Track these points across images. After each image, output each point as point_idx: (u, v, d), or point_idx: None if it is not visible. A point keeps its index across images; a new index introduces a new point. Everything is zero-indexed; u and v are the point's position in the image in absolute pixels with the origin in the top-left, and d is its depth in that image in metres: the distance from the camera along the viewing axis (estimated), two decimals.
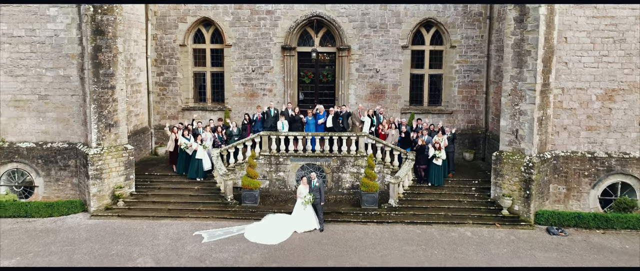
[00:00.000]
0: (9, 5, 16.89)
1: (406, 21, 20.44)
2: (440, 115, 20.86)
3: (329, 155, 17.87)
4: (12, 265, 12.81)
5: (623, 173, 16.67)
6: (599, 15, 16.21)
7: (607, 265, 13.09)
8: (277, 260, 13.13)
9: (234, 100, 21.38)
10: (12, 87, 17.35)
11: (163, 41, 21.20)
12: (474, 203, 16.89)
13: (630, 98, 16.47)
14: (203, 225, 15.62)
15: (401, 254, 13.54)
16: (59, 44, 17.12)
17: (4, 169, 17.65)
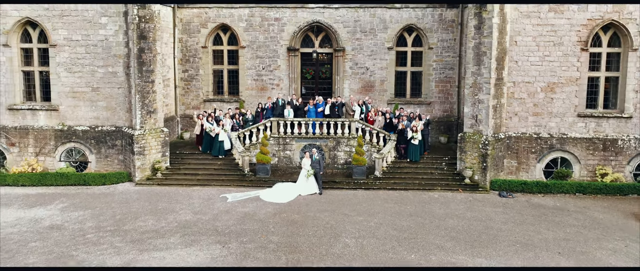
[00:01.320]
0: (69, 16, 20.97)
1: (391, 27, 24.48)
2: (420, 105, 24.93)
3: (327, 136, 21.96)
4: (84, 217, 16.89)
5: (562, 150, 20.79)
6: (542, 23, 20.31)
7: (537, 215, 17.19)
8: (286, 211, 17.24)
9: (247, 93, 25.45)
10: (71, 81, 21.45)
11: (188, 43, 25.25)
12: (443, 174, 21.00)
13: (567, 90, 20.58)
14: (226, 190, 19.73)
15: (381, 207, 17.65)
16: (108, 46, 21.21)
17: (63, 148, 21.78)
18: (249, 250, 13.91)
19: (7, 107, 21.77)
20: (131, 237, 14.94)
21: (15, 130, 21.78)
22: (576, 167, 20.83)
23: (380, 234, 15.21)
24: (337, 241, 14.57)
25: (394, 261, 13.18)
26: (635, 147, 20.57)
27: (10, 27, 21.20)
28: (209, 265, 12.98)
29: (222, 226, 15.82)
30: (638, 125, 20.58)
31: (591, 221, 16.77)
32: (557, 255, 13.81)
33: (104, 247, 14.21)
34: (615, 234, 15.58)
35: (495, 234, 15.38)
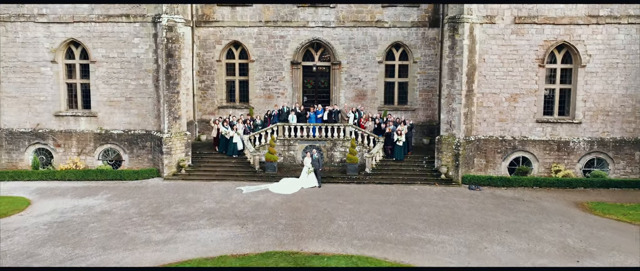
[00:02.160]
0: (107, 37, 24.82)
1: (381, 44, 28.30)
2: (406, 111, 28.75)
3: (325, 139, 25.81)
4: (127, 205, 20.73)
5: (523, 151, 24.65)
6: (506, 44, 24.16)
7: (497, 204, 21.04)
8: (291, 200, 21.09)
9: (256, 100, 29.28)
10: (107, 92, 25.32)
11: (204, 57, 29.06)
12: (423, 171, 24.86)
13: (527, 100, 24.44)
14: (240, 184, 23.57)
15: (369, 198, 21.50)
16: (140, 63, 25.07)
17: (101, 148, 25.66)
18: (262, 229, 17.75)
19: (53, 113, 25.64)
20: (168, 220, 18.79)
21: (60, 133, 25.66)
22: (535, 165, 24.69)
23: (367, 218, 19.06)
24: (332, 223, 18.41)
25: (376, 238, 17.00)
26: (584, 148, 24.43)
27: (57, 46, 25.06)
28: (232, 240, 16.80)
29: (239, 212, 19.68)
30: (586, 130, 24.43)
31: (539, 209, 20.62)
32: (505, 233, 17.64)
33: (148, 227, 18.06)
34: (555, 218, 19.42)
35: (459, 218, 19.23)
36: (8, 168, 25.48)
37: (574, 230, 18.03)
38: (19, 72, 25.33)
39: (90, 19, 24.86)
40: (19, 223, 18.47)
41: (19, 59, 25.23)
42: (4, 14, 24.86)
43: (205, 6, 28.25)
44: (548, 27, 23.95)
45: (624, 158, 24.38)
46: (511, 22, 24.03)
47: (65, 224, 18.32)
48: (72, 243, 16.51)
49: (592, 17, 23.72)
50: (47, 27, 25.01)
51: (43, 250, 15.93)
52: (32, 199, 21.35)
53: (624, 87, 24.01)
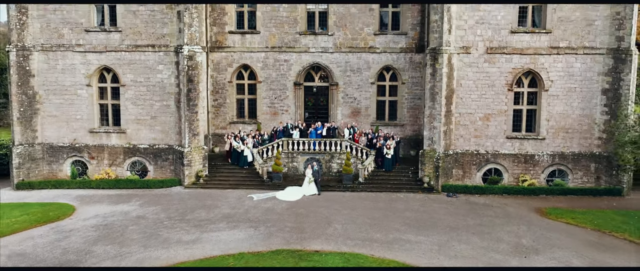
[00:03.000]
0: (135, 64, 28.70)
1: (373, 67, 32.14)
2: (395, 126, 32.59)
3: (324, 152, 29.67)
4: (157, 210, 24.58)
5: (495, 163, 28.53)
6: (480, 71, 28.03)
7: (469, 209, 24.90)
8: (295, 206, 24.96)
9: (263, 116, 33.11)
10: (135, 111, 29.19)
11: (217, 79, 32.90)
12: (408, 180, 28.73)
13: (499, 119, 28.31)
14: (251, 191, 27.43)
15: (361, 204, 25.36)
16: (163, 86, 28.95)
17: (129, 160, 29.52)
18: (272, 231, 21.62)
19: (88, 130, 29.52)
20: (193, 223, 22.67)
21: (94, 147, 29.56)
22: (505, 175, 28.57)
23: (358, 221, 22.92)
24: (329, 226, 22.28)
25: (365, 238, 20.86)
26: (547, 160, 28.31)
27: (91, 72, 28.95)
28: (247, 240, 20.64)
29: (252, 216, 23.55)
30: (549, 145, 28.30)
31: (504, 214, 24.49)
32: (471, 234, 21.50)
33: (177, 229, 21.94)
34: (516, 221, 23.29)
35: (435, 221, 23.10)
36: (49, 177, 29.33)
37: (528, 232, 21.90)
38: (59, 94, 29.20)
39: (120, 48, 28.75)
40: (71, 225, 22.36)
41: (59, 83, 29.10)
42: (46, 44, 28.73)
43: (219, 33, 32.11)
44: (516, 56, 27.81)
45: (581, 169, 28.26)
46: (484, 52, 27.90)
47: (108, 227, 22.21)
48: (118, 243, 20.38)
49: (553, 48, 27.60)
50: (83, 55, 28.89)
51: (96, 248, 19.81)
52: (75, 205, 25.23)
53: (580, 108, 27.89)
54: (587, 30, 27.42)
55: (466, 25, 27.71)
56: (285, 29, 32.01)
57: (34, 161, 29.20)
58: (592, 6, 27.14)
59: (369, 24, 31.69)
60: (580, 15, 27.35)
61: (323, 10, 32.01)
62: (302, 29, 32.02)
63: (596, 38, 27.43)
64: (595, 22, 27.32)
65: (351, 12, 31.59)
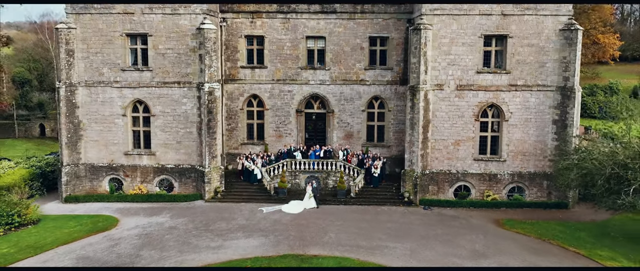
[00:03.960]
0: (163, 98, 34.30)
1: (364, 96, 37.68)
2: (383, 147, 38.14)
3: (322, 171, 35.24)
4: (185, 221, 30.15)
5: (464, 181, 34.11)
6: (451, 104, 33.59)
7: (439, 220, 30.44)
8: (298, 218, 30.53)
9: (269, 139, 38.65)
10: (163, 137, 34.79)
11: (230, 106, 38.44)
12: (392, 195, 34.31)
13: (467, 144, 33.89)
14: (261, 205, 32.96)
15: (352, 216, 30.91)
16: (187, 116, 34.54)
17: (158, 178, 35.11)
18: (280, 239, 27.17)
19: (123, 152, 35.10)
20: (216, 233, 28.24)
21: (128, 167, 35.13)
22: (473, 191, 34.15)
23: (349, 231, 28.50)
24: (325, 235, 27.84)
25: (353, 245, 26.39)
26: (508, 179, 33.88)
27: (126, 104, 34.53)
28: (260, 247, 26.18)
29: (263, 226, 29.14)
30: (510, 165, 33.87)
31: (468, 224, 30.06)
32: (438, 242, 27.05)
33: (203, 238, 27.50)
34: (476, 231, 28.85)
35: (411, 231, 28.68)
36: (91, 192, 34.89)
37: (484, 240, 27.48)
38: (99, 122, 34.78)
39: (151, 84, 34.35)
40: (118, 234, 27.96)
41: (99, 113, 34.68)
42: (89, 81, 34.30)
43: (232, 67, 37.70)
44: (481, 92, 33.40)
45: (535, 186, 33.85)
46: (455, 88, 33.48)
47: (148, 236, 27.80)
48: (159, 248, 25.99)
49: (512, 85, 33.20)
50: (120, 90, 34.48)
51: (143, 252, 25.42)
52: (118, 217, 30.82)
53: (535, 135, 33.47)
54: (540, 71, 33.01)
55: (440, 66, 33.29)
56: (288, 64, 37.59)
57: (79, 178, 34.79)
58: (544, 51, 32.72)
59: (360, 60, 37.28)
60: (534, 59, 32.95)
61: (321, 48, 37.59)
62: (303, 64, 37.59)
63: (547, 77, 33.02)
64: (546, 64, 32.91)
65: (345, 50, 37.18)
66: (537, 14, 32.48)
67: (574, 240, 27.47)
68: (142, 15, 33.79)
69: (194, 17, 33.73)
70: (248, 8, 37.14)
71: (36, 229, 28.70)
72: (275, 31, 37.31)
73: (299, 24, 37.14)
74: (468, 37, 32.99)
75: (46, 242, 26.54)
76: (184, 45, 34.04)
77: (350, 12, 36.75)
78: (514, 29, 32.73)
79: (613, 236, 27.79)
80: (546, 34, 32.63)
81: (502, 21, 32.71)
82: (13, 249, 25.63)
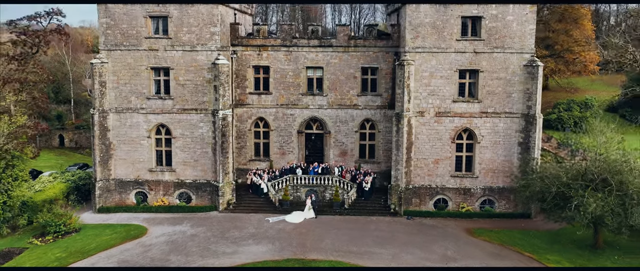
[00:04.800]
0: (182, 122, 39.74)
1: (357, 119, 43.09)
2: (373, 163, 43.54)
3: (320, 185, 40.65)
4: (203, 230, 35.56)
5: (443, 194, 39.52)
6: (431, 129, 39.02)
7: (420, 229, 35.82)
8: (299, 227, 35.93)
9: (274, 156, 44.06)
10: (182, 156, 40.22)
11: (240, 127, 43.87)
12: (380, 207, 39.72)
13: (445, 162, 39.30)
14: (267, 215, 38.34)
15: (345, 226, 36.31)
16: (203, 138, 39.98)
17: (178, 191, 40.52)
18: (284, 245, 32.57)
19: (148, 169, 40.52)
20: (230, 240, 33.64)
21: (152, 181, 40.55)
22: (450, 203, 39.55)
23: (342, 238, 33.87)
24: (322, 242, 33.24)
25: (345, 250, 31.76)
26: (480, 193, 39.26)
27: (151, 127, 39.95)
28: (268, 252, 31.56)
29: (269, 234, 34.53)
30: (482, 181, 39.27)
31: (443, 233, 35.44)
32: (416, 248, 32.43)
33: (221, 244, 32.90)
34: (450, 238, 34.22)
35: (394, 239, 34.05)
36: (119, 204, 40.30)
37: (455, 246, 32.87)
38: (127, 144, 40.21)
39: (172, 111, 39.79)
40: (149, 241, 33.38)
41: (127, 135, 40.11)
42: (119, 108, 39.71)
43: (241, 94, 43.12)
44: (457, 118, 38.80)
45: (504, 199, 39.27)
46: (434, 115, 38.89)
47: (174, 242, 33.21)
48: (184, 254, 31.39)
49: (483, 113, 38.62)
50: (145, 116, 39.91)
51: (171, 257, 30.83)
52: (147, 226, 36.22)
53: (503, 155, 38.87)
54: (507, 100, 38.43)
55: (421, 96, 38.71)
56: (291, 91, 43.03)
57: (109, 192, 40.23)
58: (510, 83, 38.12)
59: (353, 87, 42.72)
60: (502, 90, 38.37)
61: (319, 77, 43.02)
62: (303, 91, 43.02)
63: (513, 106, 38.44)
64: (512, 94, 38.34)
65: (340, 79, 42.62)
66: (505, 52, 37.90)
67: (529, 246, 32.87)
68: (165, 52, 39.24)
69: (209, 53, 39.17)
70: (256, 42, 42.60)
71: (79, 236, 34.12)
72: (279, 62, 42.75)
73: (300, 56, 42.57)
74: (445, 71, 38.41)
75: (90, 248, 31.97)
76: (201, 77, 39.49)
77: (345, 46, 42.18)
78: (485, 65, 38.15)
79: (563, 243, 33.19)
80: (512, 68, 38.06)
81: (474, 58, 38.14)
82: (64, 253, 31.06)
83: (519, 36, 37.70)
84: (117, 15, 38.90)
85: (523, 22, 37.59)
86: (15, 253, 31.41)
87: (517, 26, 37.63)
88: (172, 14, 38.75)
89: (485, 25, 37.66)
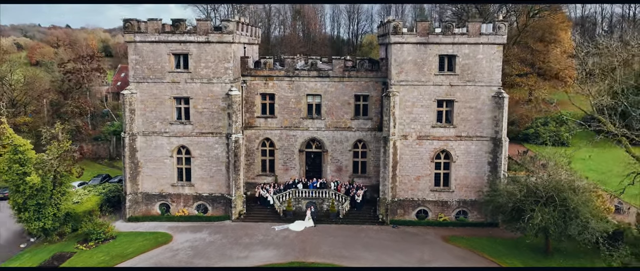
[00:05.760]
0: (200, 143, 46.36)
1: (350, 140, 49.65)
2: (365, 178, 50.07)
3: (318, 198, 47.23)
4: (219, 237, 42.16)
5: (423, 206, 46.10)
6: (413, 150, 45.58)
7: (403, 236, 42.38)
8: (300, 235, 42.48)
9: (279, 171, 50.61)
10: (200, 172, 46.81)
11: (249, 147, 50.41)
12: (370, 216, 46.29)
13: (426, 179, 45.87)
14: (273, 224, 44.90)
15: (340, 233, 42.86)
16: (218, 158, 46.59)
17: (196, 203, 47.13)
18: (288, 251, 39.14)
19: (170, 184, 47.12)
20: (243, 245, 40.22)
21: (174, 195, 47.16)
22: (430, 213, 46.11)
23: (336, 244, 40.43)
24: (320, 247, 39.80)
25: (338, 255, 38.33)
26: (456, 205, 45.81)
27: (173, 148, 46.58)
28: (274, 256, 38.11)
29: (276, 241, 41.11)
30: (457, 194, 45.81)
31: (422, 239, 41.99)
32: (397, 252, 38.96)
33: (235, 249, 39.48)
34: (428, 244, 40.77)
35: (379, 244, 40.58)
36: (146, 214, 46.88)
37: (431, 251, 39.41)
38: (152, 162, 46.82)
39: (192, 134, 46.40)
40: (175, 247, 39.96)
41: (153, 155, 46.71)
42: (145, 131, 46.33)
43: (250, 117, 49.74)
44: (435, 141, 45.36)
45: (476, 210, 45.84)
46: (416, 138, 45.46)
47: (196, 248, 39.80)
48: (206, 257, 37.98)
49: (458, 136, 45.18)
50: (168, 138, 46.53)
51: (195, 260, 37.43)
52: (172, 234, 42.79)
53: (475, 172, 45.45)
54: (478, 125, 44.99)
55: (405, 122, 45.29)
56: (293, 115, 49.63)
57: (137, 203, 46.85)
58: (481, 112, 44.66)
59: (347, 112, 49.34)
60: (474, 117, 44.93)
61: (318, 103, 49.63)
62: (304, 115, 49.63)
63: (484, 131, 45.01)
64: (482, 121, 44.90)
65: (336, 105, 49.23)
66: (476, 85, 44.48)
67: (493, 251, 39.44)
68: (185, 84, 45.86)
69: (223, 85, 45.79)
70: (262, 73, 49.26)
71: (116, 242, 40.72)
72: (283, 90, 49.36)
73: (301, 85, 49.18)
74: (425, 101, 44.99)
75: (128, 252, 38.57)
76: (216, 106, 46.11)
77: (340, 77, 48.81)
78: (459, 96, 44.73)
79: (520, 249, 39.75)
80: (482, 99, 44.64)
81: (450, 90, 44.73)
82: (107, 257, 37.67)
83: (488, 72, 44.29)
84: (145, 53, 45.53)
85: (491, 60, 44.19)
86: (66, 256, 37.99)
87: (486, 63, 44.22)
88: (192, 52, 45.39)
89: (459, 62, 44.24)
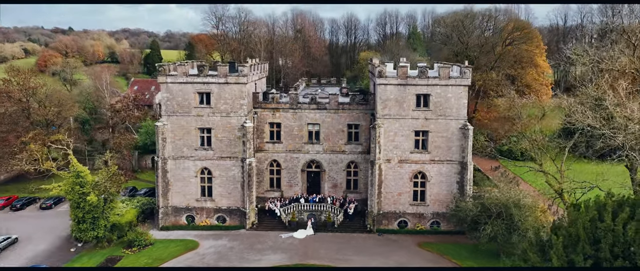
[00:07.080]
0: (220, 164, 56.24)
1: (344, 161, 59.44)
2: (357, 193, 59.84)
3: (317, 210, 57.01)
4: (237, 243, 52.03)
5: (404, 217, 55.87)
6: (395, 171, 55.37)
7: (385, 242, 52.18)
8: (303, 241, 52.28)
9: (284, 187, 60.39)
10: (220, 189, 56.64)
11: (259, 167, 60.17)
12: (360, 226, 56.10)
13: (406, 195, 55.66)
14: (280, 232, 54.68)
15: (335, 240, 52.65)
16: (234, 178, 56.45)
17: (216, 215, 56.99)
18: (292, 255, 48.94)
19: (195, 198, 56.98)
20: (256, 250, 50.05)
21: (198, 208, 57.02)
22: (409, 223, 55.87)
23: (332, 249, 50.20)
24: (318, 252, 49.58)
25: (333, 258, 48.09)
26: (431, 216, 55.58)
27: (197, 169, 56.44)
28: (281, 260, 47.92)
29: (283, 247, 50.93)
30: (431, 208, 55.56)
31: (401, 245, 51.75)
32: (379, 255, 48.72)
33: (250, 253, 49.31)
34: (404, 250, 50.53)
35: (367, 249, 50.36)
36: (175, 224, 56.69)
37: (407, 255, 49.18)
38: (180, 181, 56.70)
39: (213, 158, 56.26)
40: (202, 252, 49.79)
41: (181, 175, 56.59)
42: (175, 156, 56.19)
43: (260, 142, 59.61)
44: (413, 164, 55.12)
45: (446, 221, 55.61)
46: (397, 162, 55.26)
47: (219, 252, 49.61)
48: (227, 260, 47.80)
49: (432, 160, 54.97)
50: (193, 161, 56.40)
51: (220, 263, 47.27)
52: (198, 241, 52.61)
53: (447, 190, 55.23)
54: (448, 151, 54.76)
55: (388, 148, 55.07)
56: (296, 140, 59.52)
57: (167, 215, 56.73)
58: (450, 140, 54.38)
59: (342, 138, 59.22)
60: (445, 145, 54.69)
61: (317, 130, 59.51)
62: (305, 140, 59.51)
63: (453, 156, 54.80)
64: (452, 148, 54.67)
65: (332, 132, 59.11)
66: (446, 119, 54.23)
67: (457, 254, 49.20)
68: (208, 117, 55.72)
69: (239, 117, 55.62)
70: (270, 106, 59.16)
71: (154, 248, 50.55)
72: (288, 120, 59.23)
73: (303, 115, 59.05)
74: (405, 131, 54.78)
75: (165, 256, 48.42)
76: (233, 135, 55.97)
77: (335, 109, 58.65)
78: (433, 127, 54.52)
79: (479, 253, 49.49)
80: (451, 130, 54.41)
81: (425, 122, 54.52)
82: (150, 260, 47.52)
83: (456, 108, 54.07)
84: (175, 91, 55.40)
85: (459, 98, 54.00)
86: (117, 259, 47.84)
87: (455, 101, 54.02)
88: (213, 91, 55.25)
89: (433, 100, 54.05)
